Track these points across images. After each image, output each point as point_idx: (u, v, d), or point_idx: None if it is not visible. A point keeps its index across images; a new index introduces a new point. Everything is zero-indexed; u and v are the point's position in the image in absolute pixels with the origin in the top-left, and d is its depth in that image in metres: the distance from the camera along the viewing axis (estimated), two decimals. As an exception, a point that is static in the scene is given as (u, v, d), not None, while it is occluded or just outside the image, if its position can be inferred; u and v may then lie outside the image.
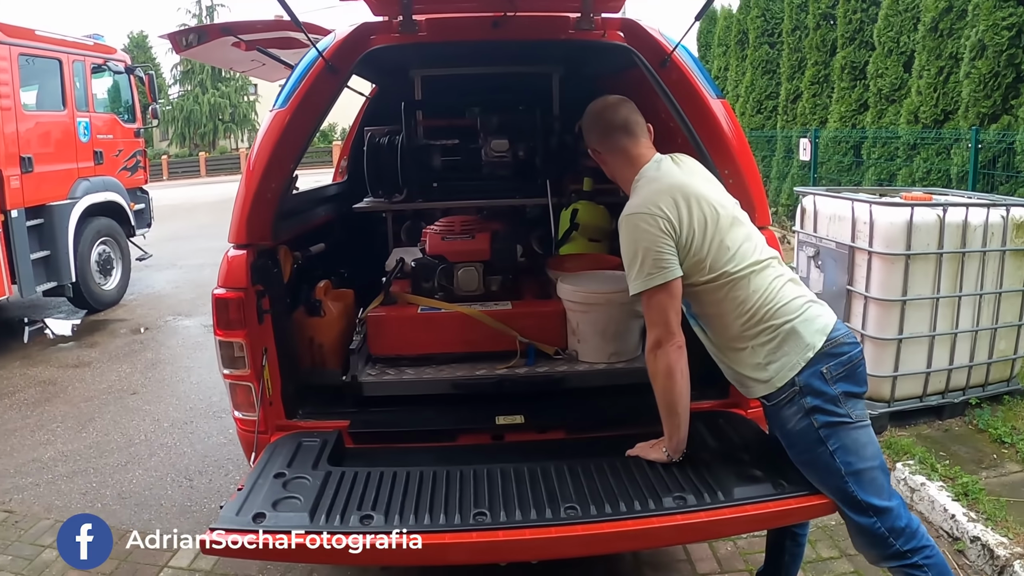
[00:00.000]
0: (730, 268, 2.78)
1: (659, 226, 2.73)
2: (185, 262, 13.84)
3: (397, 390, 3.78)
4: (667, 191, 2.82)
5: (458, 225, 4.58)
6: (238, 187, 3.42)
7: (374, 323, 4.00)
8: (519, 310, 4.11)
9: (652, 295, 2.75)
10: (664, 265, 2.72)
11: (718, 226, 2.81)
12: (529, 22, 3.43)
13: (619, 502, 2.69)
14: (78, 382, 7.46)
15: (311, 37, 3.34)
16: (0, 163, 8.49)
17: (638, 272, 2.75)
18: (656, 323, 2.77)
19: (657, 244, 2.72)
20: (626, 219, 2.81)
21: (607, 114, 3.04)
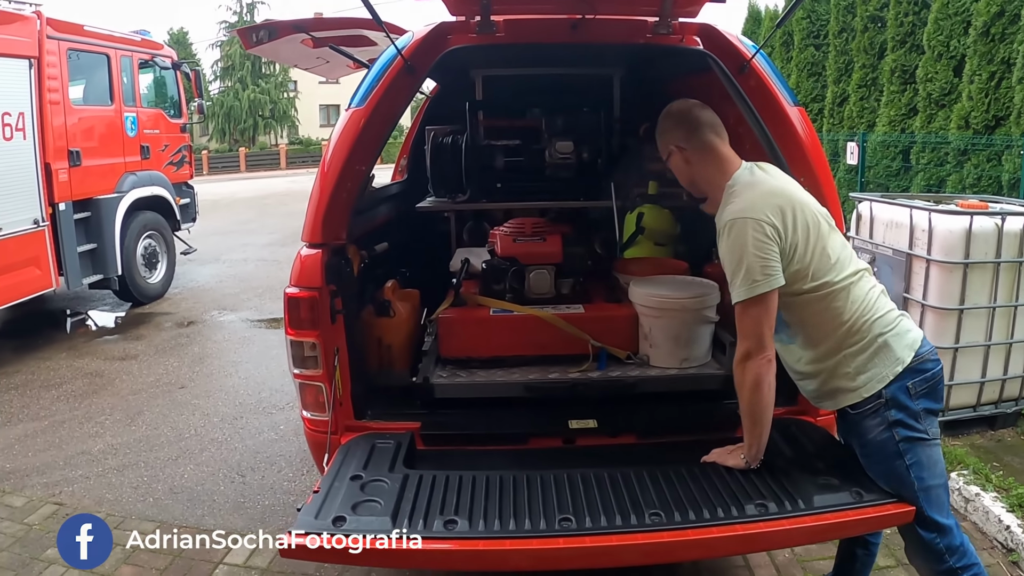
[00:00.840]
0: (831, 277, 2.76)
1: (766, 232, 2.66)
2: (228, 257, 13.94)
3: (469, 392, 3.75)
4: (770, 196, 2.76)
5: (529, 227, 4.55)
6: (312, 185, 3.42)
7: (446, 325, 3.97)
8: (591, 314, 4.07)
9: (751, 305, 2.68)
10: (770, 272, 2.66)
11: (819, 233, 2.77)
12: (607, 25, 3.41)
13: (702, 508, 2.67)
14: (125, 375, 7.51)
15: (391, 36, 3.33)
16: (49, 156, 8.56)
17: (743, 279, 2.67)
18: (749, 334, 2.71)
19: (764, 251, 2.65)
20: (732, 224, 2.71)
21: (697, 111, 2.99)
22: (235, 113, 47.55)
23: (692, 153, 2.98)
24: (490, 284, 4.28)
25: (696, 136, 2.95)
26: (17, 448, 5.76)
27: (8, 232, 7.97)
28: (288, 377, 6.53)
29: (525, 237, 4.45)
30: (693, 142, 2.96)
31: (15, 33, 8.15)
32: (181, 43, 43.79)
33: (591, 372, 3.85)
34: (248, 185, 31.83)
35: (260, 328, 9.20)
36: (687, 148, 2.98)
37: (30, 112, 8.32)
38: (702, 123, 2.96)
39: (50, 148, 8.58)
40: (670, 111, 3.05)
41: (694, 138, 2.96)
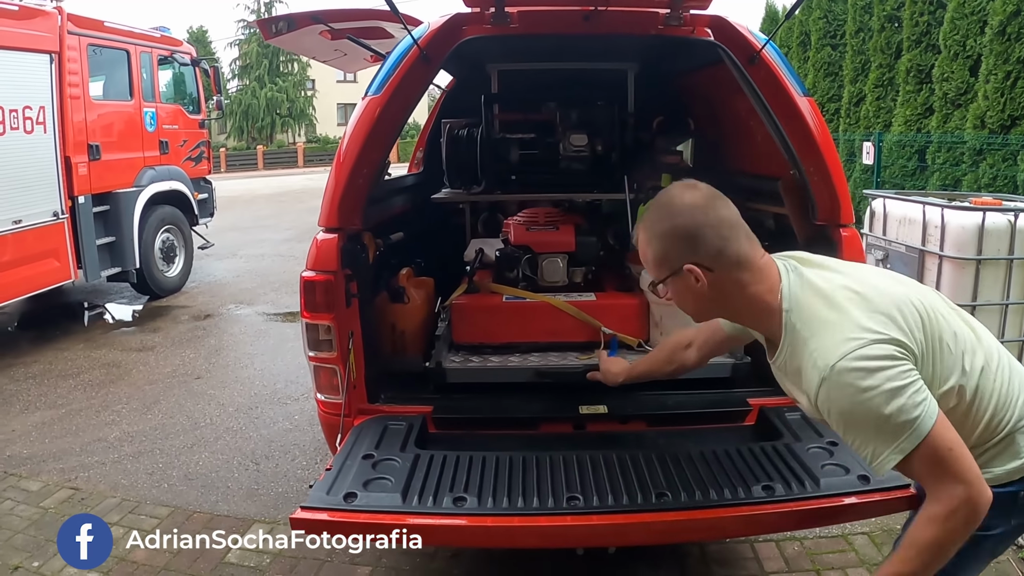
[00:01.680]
0: (959, 379, 2.02)
1: (891, 354, 1.89)
2: (245, 252, 14.04)
3: (481, 377, 3.78)
4: (862, 301, 1.99)
5: (542, 216, 4.58)
6: (330, 171, 3.46)
7: (459, 311, 4.00)
8: (603, 301, 4.07)
9: (926, 443, 1.87)
10: (921, 399, 1.88)
11: (932, 320, 2.01)
12: (619, 17, 3.42)
13: (710, 490, 2.70)
14: (142, 365, 7.59)
15: (407, 26, 3.37)
16: (68, 150, 8.68)
17: (894, 433, 1.88)
18: (948, 473, 1.89)
19: (904, 377, 1.88)
20: (839, 376, 1.89)
21: (720, 210, 2.09)
22: (253, 111, 47.72)
23: (721, 274, 2.08)
24: (503, 271, 4.28)
25: (727, 250, 2.07)
26: (34, 435, 5.84)
27: (28, 224, 8.08)
28: (303, 369, 6.66)
29: (539, 226, 4.49)
30: (722, 259, 2.07)
31: (36, 28, 8.26)
32: (200, 41, 44.00)
33: (603, 359, 3.69)
34: (265, 183, 31.96)
35: (276, 321, 9.27)
36: (713, 267, 2.07)
37: (51, 106, 8.44)
38: (731, 224, 2.09)
39: (70, 142, 8.69)
40: (673, 210, 2.11)
41: (724, 253, 2.07)
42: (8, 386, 7.03)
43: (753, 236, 2.12)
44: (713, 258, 2.06)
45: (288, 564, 3.99)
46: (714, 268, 2.06)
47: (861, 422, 1.91)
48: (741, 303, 2.13)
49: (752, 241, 2.10)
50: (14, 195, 7.93)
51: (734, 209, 2.11)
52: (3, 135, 7.78)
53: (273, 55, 48.08)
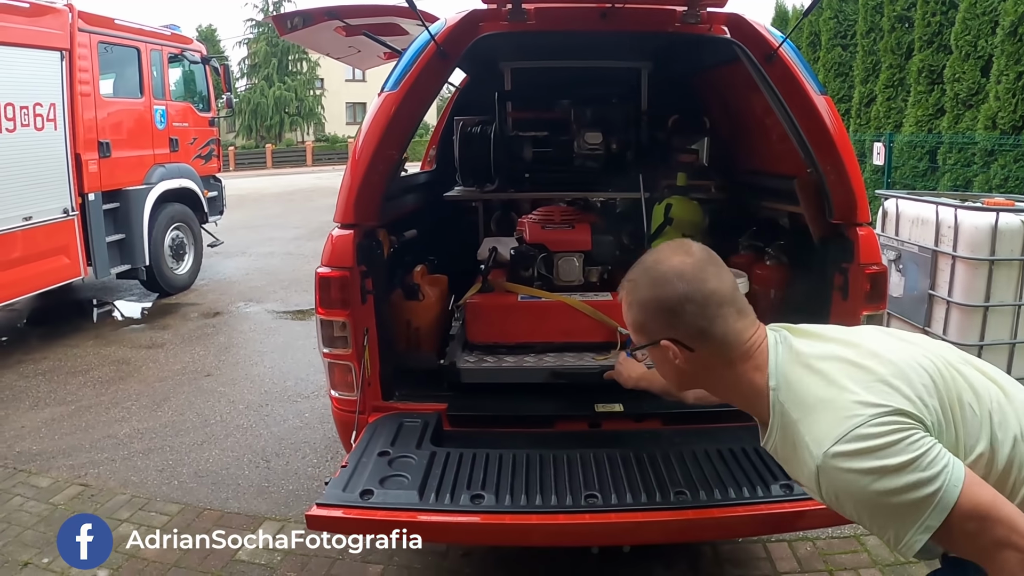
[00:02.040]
0: (987, 445, 1.76)
1: (897, 427, 1.65)
2: (254, 250, 14.03)
3: (496, 377, 3.73)
4: (861, 374, 1.75)
5: (557, 215, 4.53)
6: (346, 166, 3.46)
7: (473, 310, 3.95)
8: (619, 301, 3.98)
9: (956, 514, 1.61)
10: (946, 463, 1.63)
11: (947, 380, 1.78)
12: (636, 14, 3.42)
13: (728, 488, 2.70)
14: (152, 362, 7.58)
15: (423, 22, 3.36)
16: (79, 147, 8.68)
17: (914, 512, 1.63)
18: (993, 541, 1.60)
19: (914, 448, 1.62)
20: (838, 461, 1.66)
21: (709, 282, 1.87)
22: (262, 110, 47.76)
23: (702, 353, 1.91)
24: (518, 270, 4.24)
25: (711, 328, 1.87)
26: (44, 431, 5.83)
27: (38, 221, 8.08)
28: (313, 367, 6.68)
29: (554, 224, 4.43)
30: (706, 339, 1.89)
31: (47, 25, 8.26)
32: (209, 39, 44.03)
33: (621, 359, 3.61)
34: (274, 181, 31.99)
35: (286, 319, 9.25)
36: (694, 348, 1.90)
37: (61, 103, 8.43)
38: (719, 299, 1.88)
39: (80, 139, 8.69)
40: (656, 273, 1.93)
41: (709, 332, 1.88)
42: (18, 382, 7.02)
43: (746, 309, 1.92)
44: (693, 337, 1.88)
45: (299, 561, 3.98)
46: (694, 347, 1.89)
47: (874, 507, 1.67)
48: (725, 382, 1.94)
49: (744, 315, 1.90)
50: (24, 192, 7.93)
51: (728, 279, 1.90)
52: (13, 132, 7.77)
53: (282, 54, 48.14)
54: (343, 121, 51.91)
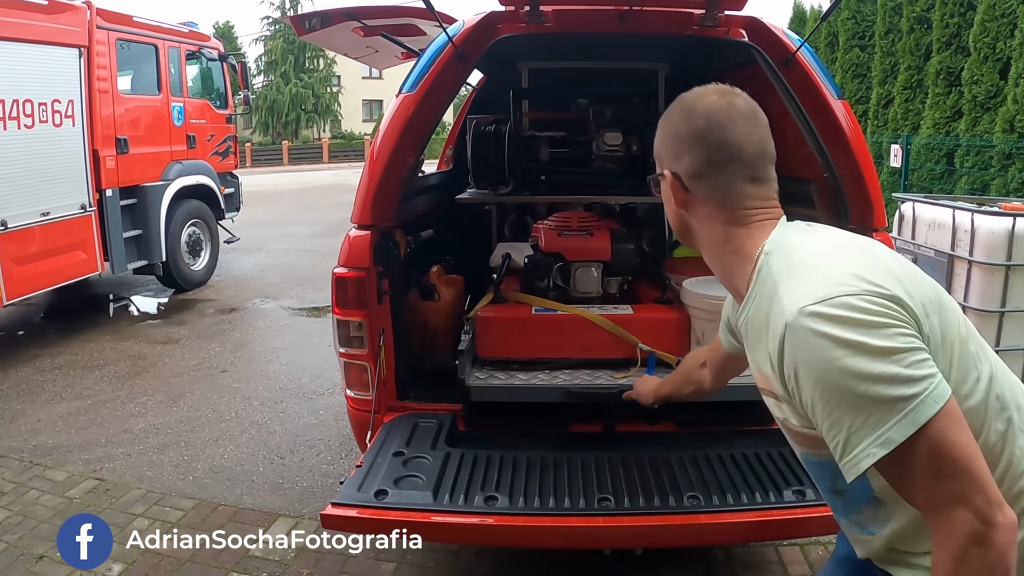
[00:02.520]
0: (977, 401, 1.49)
1: (890, 311, 1.38)
2: (271, 247, 14.05)
3: (507, 396, 3.54)
4: (870, 259, 1.49)
5: (575, 221, 4.31)
6: (363, 167, 3.48)
7: (484, 324, 3.78)
8: (641, 315, 3.82)
9: (925, 437, 1.32)
10: (931, 372, 1.35)
11: (948, 320, 1.51)
12: (653, 17, 3.42)
13: (740, 493, 2.70)
14: (167, 358, 7.62)
15: (441, 23, 3.37)
16: (97, 144, 8.75)
17: (879, 412, 1.33)
18: (953, 490, 1.33)
19: (901, 339, 1.36)
20: (811, 320, 1.37)
21: (734, 131, 1.61)
22: (278, 107, 47.82)
23: (695, 200, 1.70)
24: (532, 281, 4.10)
25: (717, 180, 1.65)
26: (60, 425, 5.88)
27: (56, 216, 8.14)
28: (328, 364, 6.70)
29: (571, 232, 4.22)
30: (702, 186, 1.68)
31: (66, 22, 8.31)
32: (226, 37, 44.22)
33: (638, 378, 3.37)
34: (291, 178, 32.04)
35: (301, 316, 9.28)
36: (689, 189, 1.69)
37: (79, 100, 8.49)
38: (740, 155, 1.62)
39: (98, 135, 8.76)
40: (687, 103, 1.70)
41: (710, 181, 1.66)
42: (34, 376, 7.07)
43: (765, 181, 1.65)
44: (692, 177, 1.67)
45: (312, 558, 3.99)
46: (690, 189, 1.68)
47: (834, 391, 1.36)
48: (714, 239, 1.71)
49: (758, 185, 1.64)
50: (43, 187, 7.98)
51: (755, 141, 1.62)
52: (32, 128, 7.82)
53: (299, 51, 48.19)
54: (360, 118, 51.92)
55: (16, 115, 7.64)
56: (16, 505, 4.59)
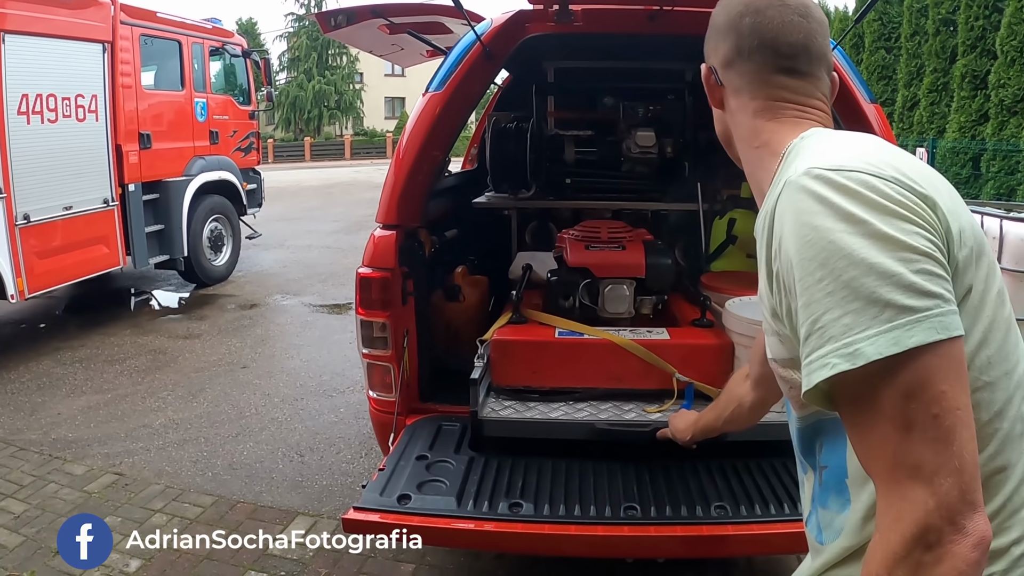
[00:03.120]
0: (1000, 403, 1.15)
1: (919, 210, 1.08)
2: (292, 243, 14.06)
3: (526, 431, 3.16)
4: (918, 165, 1.18)
5: (604, 231, 3.90)
6: (389, 167, 3.46)
7: (500, 348, 3.39)
8: (679, 340, 3.40)
9: (910, 370, 1.01)
10: (941, 292, 1.04)
11: (991, 279, 1.17)
12: (684, 17, 3.38)
13: (768, 504, 2.67)
14: (188, 353, 7.64)
15: (469, 22, 3.35)
16: (120, 139, 8.78)
17: (862, 312, 1.02)
18: (927, 458, 0.99)
19: (928, 254, 1.05)
20: (812, 182, 1.12)
21: (769, 19, 1.37)
22: (301, 103, 47.91)
23: (728, 91, 1.48)
24: (556, 299, 3.68)
25: (744, 61, 1.42)
26: (80, 419, 5.89)
27: (79, 210, 8.17)
28: (348, 362, 6.69)
29: (600, 244, 3.81)
30: (733, 72, 1.45)
31: (90, 18, 8.34)
32: (249, 33, 44.29)
33: (674, 412, 2.92)
34: (313, 174, 32.08)
35: (322, 313, 9.27)
36: (725, 80, 1.48)
37: (103, 95, 8.53)
38: (766, 42, 1.38)
39: (121, 130, 8.79)
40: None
41: (739, 64, 1.43)
42: (55, 369, 7.10)
43: (808, 80, 1.39)
44: (723, 68, 1.47)
45: (331, 558, 3.97)
46: (722, 82, 1.48)
47: (814, 267, 1.07)
48: (741, 134, 1.48)
49: (800, 80, 1.39)
50: (66, 181, 8.01)
51: (801, 31, 1.37)
52: (56, 122, 7.85)
53: (322, 48, 48.28)
54: (382, 115, 51.96)
55: (40, 109, 7.66)
56: (35, 499, 4.60)
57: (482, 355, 3.34)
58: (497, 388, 3.40)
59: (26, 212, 7.39)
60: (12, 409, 6.11)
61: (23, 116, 7.46)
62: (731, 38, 1.42)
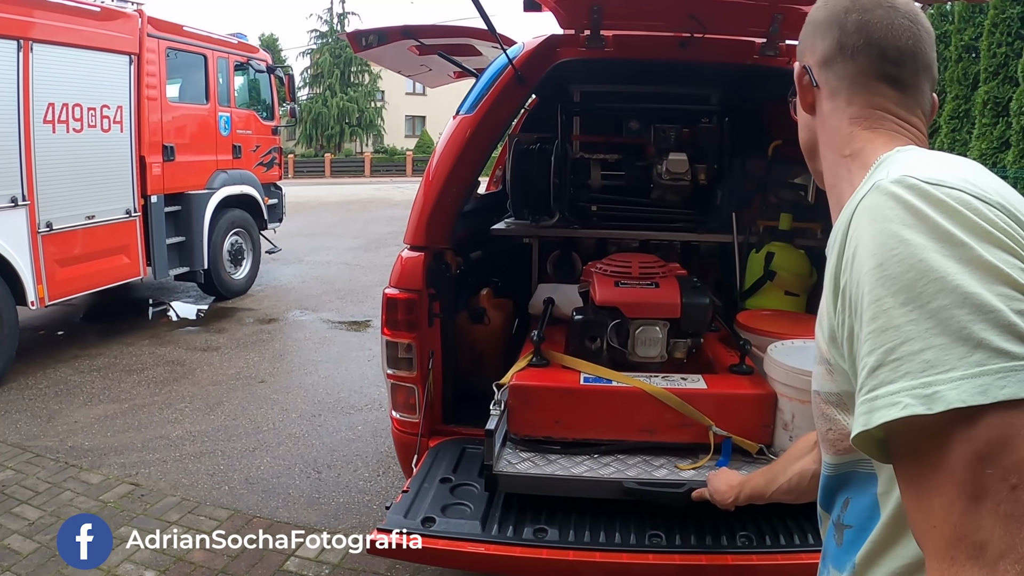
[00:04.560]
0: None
1: (1021, 240, 0.92)
2: (311, 258, 14.08)
3: (548, 489, 2.87)
4: (1007, 188, 1.04)
5: (635, 267, 3.54)
6: (418, 188, 3.46)
7: (520, 394, 3.07)
8: (717, 390, 3.08)
9: (994, 424, 0.82)
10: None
11: None
12: (715, 45, 3.40)
13: (793, 534, 2.65)
14: (206, 365, 7.66)
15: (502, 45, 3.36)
16: (144, 150, 8.85)
17: (950, 345, 0.85)
18: (996, 535, 0.79)
19: (1021, 276, 0.88)
20: (895, 188, 0.98)
21: (883, 15, 1.25)
22: (323, 120, 48.02)
23: (823, 94, 1.33)
24: (581, 340, 3.37)
25: (846, 62, 1.28)
26: (96, 427, 5.92)
27: (101, 220, 8.24)
28: (367, 380, 6.70)
29: (631, 280, 3.45)
30: (831, 74, 1.31)
31: (117, 29, 8.44)
32: (271, 49, 44.45)
33: (710, 469, 2.83)
34: (333, 190, 32.17)
35: (340, 330, 9.28)
36: (821, 81, 1.32)
37: (128, 106, 8.62)
38: (872, 43, 1.25)
39: (145, 142, 8.86)
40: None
41: (840, 64, 1.29)
42: (73, 377, 7.15)
43: (910, 95, 1.26)
44: (820, 67, 1.32)
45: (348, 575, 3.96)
46: (818, 82, 1.33)
47: (894, 284, 0.91)
48: (831, 141, 1.32)
49: (902, 93, 1.26)
50: (89, 191, 8.08)
51: (911, 36, 1.25)
52: (81, 132, 7.93)
53: (345, 65, 48.41)
54: (402, 134, 52.07)
55: (66, 119, 7.75)
56: (50, 505, 4.62)
57: (499, 401, 2.99)
58: (515, 438, 3.10)
59: (49, 220, 7.45)
60: (29, 415, 6.15)
61: (49, 125, 7.53)
62: (833, 34, 1.29)
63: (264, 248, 11.58)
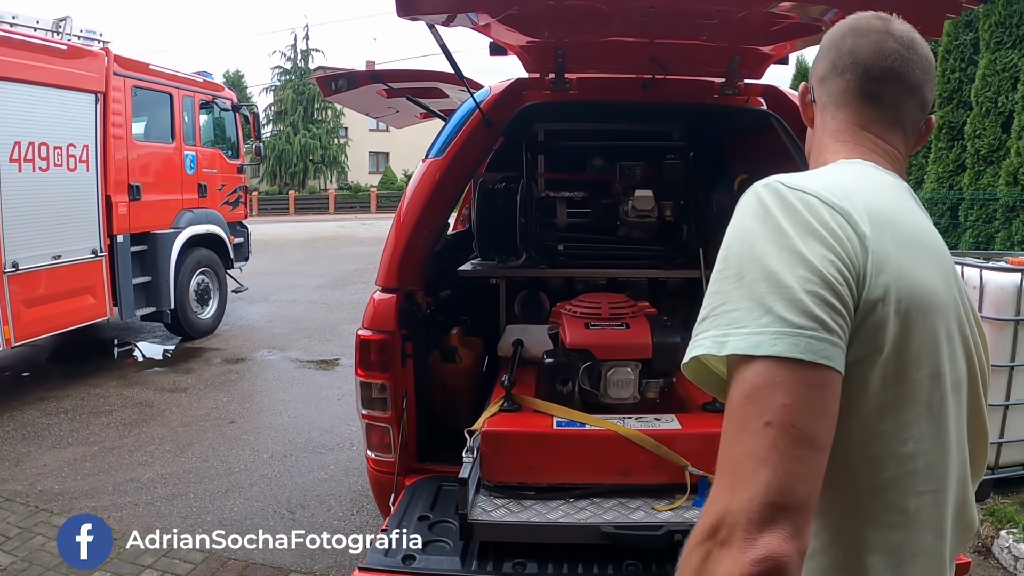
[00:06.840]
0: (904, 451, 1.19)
1: (845, 242, 1.12)
2: (278, 297, 14.05)
3: (522, 535, 2.81)
4: (889, 204, 1.24)
5: (605, 307, 3.55)
6: (389, 230, 3.50)
7: (492, 441, 3.01)
8: (691, 429, 3.03)
9: (754, 370, 1.06)
10: (827, 320, 1.07)
11: (932, 345, 1.21)
12: (676, 85, 3.48)
13: None
14: (175, 407, 7.61)
15: (469, 90, 3.43)
16: (110, 189, 8.84)
17: (753, 307, 1.09)
18: (745, 465, 1.02)
19: (830, 267, 1.10)
20: (755, 191, 1.22)
21: (876, 40, 1.39)
22: (286, 156, 47.85)
23: (816, 108, 1.50)
24: (553, 384, 3.32)
25: (835, 81, 1.43)
26: (66, 471, 5.87)
27: (67, 260, 8.20)
28: (337, 419, 6.70)
29: (602, 322, 3.45)
30: (822, 89, 1.47)
31: (84, 68, 8.46)
32: (237, 86, 44.37)
33: (685, 511, 2.84)
34: (298, 228, 32.06)
35: (309, 369, 9.26)
36: (821, 96, 1.47)
37: (94, 145, 8.61)
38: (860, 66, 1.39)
39: (112, 181, 8.86)
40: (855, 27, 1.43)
41: (831, 83, 1.44)
42: (40, 419, 7.07)
43: (887, 112, 1.39)
44: (817, 83, 1.48)
45: (325, 617, 3.97)
46: (815, 98, 1.49)
47: (733, 261, 1.16)
48: (814, 149, 1.49)
49: (879, 109, 1.39)
50: (55, 230, 8.06)
51: (900, 60, 1.37)
52: (47, 171, 7.93)
53: (308, 102, 48.40)
54: (366, 170, 52.03)
55: (32, 158, 7.74)
56: (21, 551, 4.59)
57: (471, 448, 2.95)
58: (488, 484, 3.02)
59: (15, 260, 7.43)
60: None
61: (15, 164, 7.54)
62: (830, 54, 1.45)
63: (231, 287, 11.53)
